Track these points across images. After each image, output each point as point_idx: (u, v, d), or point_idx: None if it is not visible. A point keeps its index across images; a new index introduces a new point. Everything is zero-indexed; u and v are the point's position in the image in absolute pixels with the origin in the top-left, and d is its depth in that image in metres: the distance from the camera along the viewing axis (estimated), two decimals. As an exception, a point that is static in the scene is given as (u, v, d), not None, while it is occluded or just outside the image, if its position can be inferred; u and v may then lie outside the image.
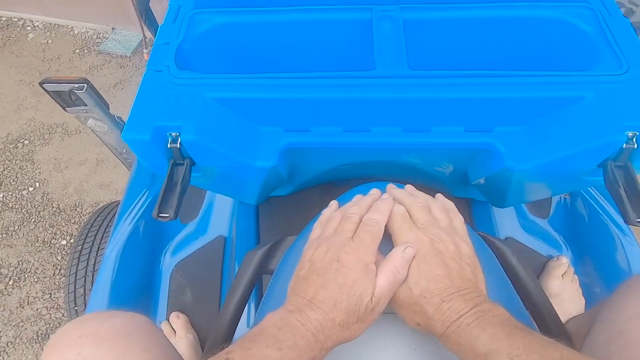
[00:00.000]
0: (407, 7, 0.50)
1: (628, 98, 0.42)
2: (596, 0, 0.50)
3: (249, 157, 0.46)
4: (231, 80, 0.45)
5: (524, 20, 0.49)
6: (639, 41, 0.46)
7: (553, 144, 0.44)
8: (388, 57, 0.45)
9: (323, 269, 0.34)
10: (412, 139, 0.48)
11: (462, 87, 0.43)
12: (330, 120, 0.48)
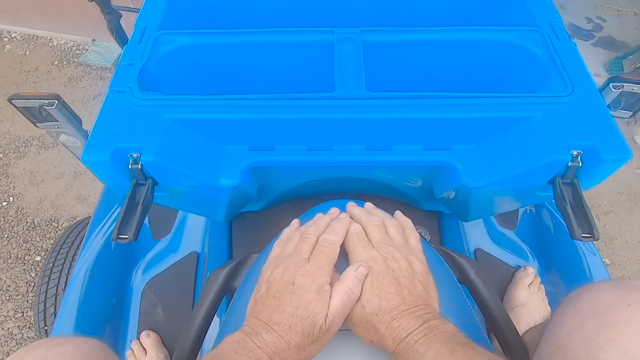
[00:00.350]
0: (368, 30, 0.51)
1: (572, 118, 0.44)
2: (546, 25, 0.53)
3: (212, 177, 0.46)
4: (193, 101, 0.46)
5: (478, 43, 0.51)
6: (584, 64, 0.49)
7: (505, 161, 0.45)
8: (347, 79, 0.47)
9: (279, 292, 0.35)
10: (374, 157, 0.49)
11: (417, 108, 0.45)
12: (293, 139, 0.49)
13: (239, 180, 0.47)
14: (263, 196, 0.64)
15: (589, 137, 0.43)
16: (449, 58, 0.53)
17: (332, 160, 0.50)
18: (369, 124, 0.46)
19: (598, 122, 0.44)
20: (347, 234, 0.40)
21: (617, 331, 0.30)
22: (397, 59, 0.53)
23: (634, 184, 1.63)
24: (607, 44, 2.05)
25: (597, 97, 0.46)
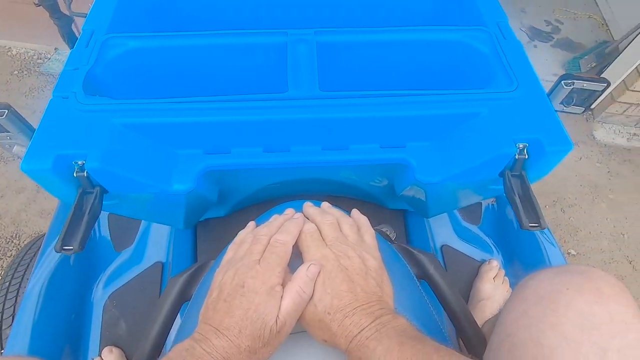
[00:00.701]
0: (322, 31, 0.52)
1: (517, 113, 0.46)
2: (493, 25, 0.55)
3: (165, 182, 0.45)
4: (143, 105, 0.45)
5: (428, 43, 0.53)
6: (528, 61, 0.51)
7: (457, 157, 0.46)
8: (300, 80, 0.47)
9: (230, 295, 0.34)
10: (330, 156, 0.49)
11: (370, 107, 0.46)
12: (249, 141, 0.49)
13: (194, 185, 0.46)
14: (226, 201, 0.63)
15: (533, 130, 0.44)
16: (400, 57, 0.54)
17: (289, 161, 0.49)
18: (323, 124, 0.46)
19: (541, 116, 0.46)
20: (301, 233, 0.39)
21: (558, 315, 0.31)
22: (351, 59, 0.53)
23: (595, 177, 1.71)
24: (564, 45, 2.15)
25: (541, 92, 0.48)
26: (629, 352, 0.28)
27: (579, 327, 0.30)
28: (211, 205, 0.59)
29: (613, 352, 0.28)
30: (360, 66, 0.54)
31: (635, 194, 1.67)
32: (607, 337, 0.29)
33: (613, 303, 0.30)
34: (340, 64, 0.53)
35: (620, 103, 1.78)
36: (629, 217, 1.61)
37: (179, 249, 0.69)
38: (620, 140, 1.84)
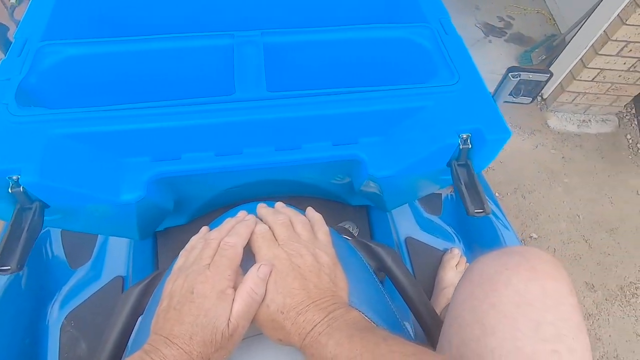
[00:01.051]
0: (269, 32, 0.52)
1: (459, 105, 0.47)
2: (435, 21, 0.57)
3: (111, 193, 0.44)
4: (84, 113, 0.43)
5: (374, 40, 0.54)
6: (469, 55, 0.53)
7: (406, 150, 0.48)
8: (247, 81, 0.47)
9: (179, 303, 0.34)
10: (284, 157, 0.49)
11: (318, 105, 0.46)
12: (199, 145, 0.48)
13: (143, 194, 0.45)
14: (184, 208, 0.62)
15: (474, 120, 0.46)
16: (348, 55, 0.55)
17: (243, 164, 0.49)
18: (273, 125, 0.46)
19: (481, 107, 0.48)
20: (253, 234, 0.39)
21: (498, 295, 0.33)
22: (299, 59, 0.54)
23: (550, 163, 1.81)
24: (517, 39, 2.26)
25: (480, 84, 0.50)
26: (561, 324, 0.30)
27: (516, 305, 0.31)
28: (168, 214, 0.57)
29: (546, 325, 0.30)
30: (309, 66, 0.55)
31: (587, 177, 1.78)
32: (541, 311, 0.31)
33: (547, 279, 0.32)
34: (288, 64, 0.54)
35: (569, 92, 1.89)
36: (583, 198, 1.71)
37: (139, 261, 0.67)
38: (572, 127, 1.96)
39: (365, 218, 0.74)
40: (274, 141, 0.49)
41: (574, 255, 1.56)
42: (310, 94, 0.46)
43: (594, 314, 1.44)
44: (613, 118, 2.00)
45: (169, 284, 0.36)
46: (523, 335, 0.30)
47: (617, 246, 1.59)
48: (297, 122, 0.47)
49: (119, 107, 0.44)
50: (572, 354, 0.29)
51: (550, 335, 0.30)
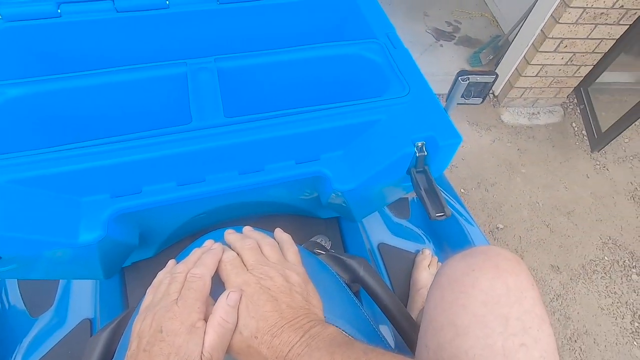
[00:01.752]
0: (222, 58, 0.52)
1: (412, 115, 0.50)
2: (383, 36, 0.59)
3: (68, 236, 0.42)
4: (32, 156, 0.41)
5: (326, 58, 0.56)
6: (417, 67, 0.56)
7: (367, 163, 0.49)
8: (204, 108, 0.47)
9: (149, 343, 0.33)
10: (248, 180, 0.49)
11: (274, 127, 0.47)
12: (160, 177, 0.47)
13: (104, 233, 0.43)
14: (151, 241, 0.60)
15: (427, 128, 0.49)
16: (302, 75, 0.56)
17: (207, 191, 0.49)
18: (233, 149, 0.46)
19: (433, 115, 0.50)
20: (220, 263, 0.39)
21: (467, 296, 0.35)
22: (255, 82, 0.54)
23: (508, 156, 1.92)
24: (465, 42, 2.40)
25: (430, 93, 0.53)
26: (526, 317, 0.32)
27: (484, 304, 0.33)
28: (134, 249, 0.55)
29: (513, 320, 0.32)
30: (265, 88, 0.55)
31: (542, 165, 1.90)
32: (507, 307, 0.33)
33: (509, 276, 0.34)
34: (245, 88, 0.54)
35: (517, 88, 2.02)
36: (540, 186, 1.82)
37: (107, 300, 0.64)
38: (523, 120, 2.09)
39: (336, 230, 0.75)
40: (237, 165, 0.49)
41: (538, 240, 1.65)
42: (268, 117, 0.46)
43: (561, 294, 1.53)
44: (559, 109, 2.15)
45: (137, 324, 0.35)
46: (493, 332, 0.31)
47: (575, 228, 1.70)
48: (258, 145, 0.47)
49: (71, 147, 0.43)
50: (538, 344, 0.31)
51: (518, 329, 0.31)
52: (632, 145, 2.03)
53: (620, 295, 1.53)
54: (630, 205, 1.80)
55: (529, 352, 0.30)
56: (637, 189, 1.86)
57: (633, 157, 1.98)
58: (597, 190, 1.84)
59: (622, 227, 1.72)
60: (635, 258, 1.63)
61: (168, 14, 0.56)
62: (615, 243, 1.67)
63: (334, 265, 0.51)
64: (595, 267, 1.60)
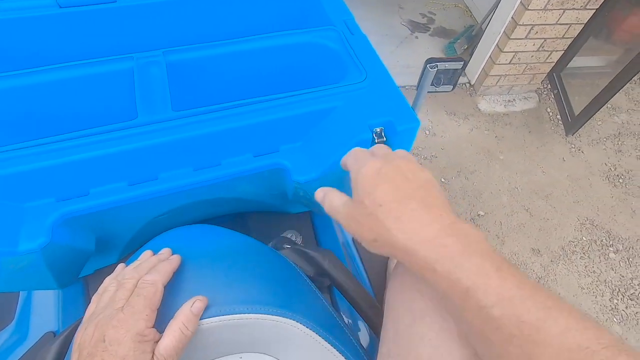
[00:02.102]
0: (172, 51, 0.50)
1: (369, 101, 0.49)
2: (340, 23, 0.58)
3: (7, 244, 0.39)
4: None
5: (283, 47, 0.54)
6: (375, 52, 0.55)
7: (325, 151, 0.48)
8: (151, 103, 0.45)
9: (90, 355, 0.31)
10: (204, 176, 0.47)
11: (228, 118, 0.45)
12: (109, 177, 0.45)
13: (47, 239, 0.41)
14: (111, 246, 0.58)
15: (385, 113, 0.48)
16: (258, 65, 0.54)
17: (160, 190, 0.46)
18: (185, 144, 0.44)
19: (391, 100, 0.49)
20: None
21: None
22: (208, 75, 0.53)
23: (486, 143, 1.94)
24: (440, 33, 2.41)
25: (388, 78, 0.52)
26: None
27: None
28: (90, 255, 0.53)
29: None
30: (219, 80, 0.53)
31: (519, 150, 1.93)
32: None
33: None
34: (198, 81, 0.52)
35: (492, 76, 2.04)
36: (518, 172, 1.85)
37: (70, 311, 0.61)
38: (500, 107, 2.11)
39: (309, 224, 0.74)
40: (191, 161, 0.47)
41: (518, 224, 1.67)
42: (218, 109, 0.45)
43: (543, 276, 1.55)
44: (533, 95, 2.19)
45: (78, 335, 0.33)
46: (449, 315, 0.31)
47: (553, 210, 1.73)
48: (211, 138, 0.45)
49: (7, 148, 0.40)
50: None
51: None
52: (604, 127, 2.08)
53: (599, 274, 1.57)
54: (605, 186, 1.84)
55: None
56: (611, 169, 1.91)
57: (606, 139, 2.03)
58: (573, 172, 1.87)
59: (599, 207, 1.76)
60: (611, 237, 1.67)
61: (115, 8, 0.54)
62: (593, 223, 1.71)
63: (298, 260, 0.50)
64: (574, 247, 1.63)
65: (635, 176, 1.88)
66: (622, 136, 2.04)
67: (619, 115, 2.14)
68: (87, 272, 0.63)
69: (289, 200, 0.65)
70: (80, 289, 0.63)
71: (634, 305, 1.49)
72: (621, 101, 2.20)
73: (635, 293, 1.52)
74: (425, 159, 1.83)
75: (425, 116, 1.99)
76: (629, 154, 1.97)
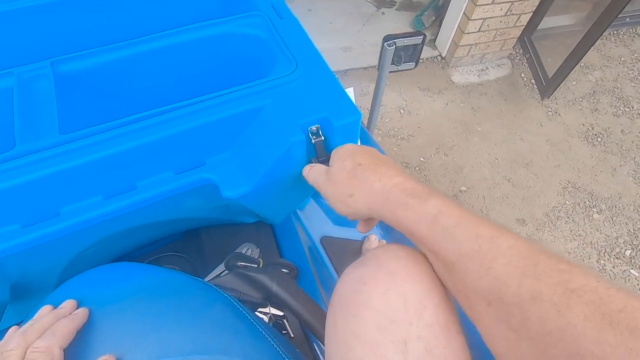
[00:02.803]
0: (61, 60, 0.42)
1: (300, 95, 0.42)
2: (266, 6, 0.50)
3: None
4: None
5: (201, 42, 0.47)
6: (307, 37, 0.48)
7: (255, 160, 0.41)
8: (32, 128, 0.37)
9: None
10: (117, 203, 0.40)
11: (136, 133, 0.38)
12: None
13: None
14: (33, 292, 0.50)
15: (319, 109, 0.41)
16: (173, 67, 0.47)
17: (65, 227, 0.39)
18: (82, 172, 0.37)
19: (325, 92, 0.43)
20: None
21: (359, 321, 0.28)
22: (112, 85, 0.45)
23: (462, 116, 1.89)
24: (407, 6, 2.32)
25: (322, 66, 0.45)
26: (427, 333, 0.26)
27: (378, 328, 0.27)
28: (4, 306, 0.46)
29: (413, 341, 0.26)
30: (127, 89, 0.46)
31: (496, 119, 1.89)
32: (405, 325, 0.26)
33: (405, 284, 0.28)
34: (99, 93, 0.44)
35: (463, 46, 1.98)
36: (497, 142, 1.81)
37: None
38: (474, 78, 2.06)
39: (269, 233, 0.67)
40: (98, 189, 0.40)
41: (501, 196, 1.64)
42: (123, 123, 0.37)
43: (529, 246, 1.53)
44: (506, 61, 2.13)
45: None
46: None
47: (535, 178, 1.70)
48: (118, 159, 0.38)
49: None
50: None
51: (420, 352, 0.25)
52: (579, 87, 2.05)
53: (585, 236, 1.56)
54: (584, 146, 1.82)
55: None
56: (588, 129, 1.88)
57: (582, 99, 2.00)
58: (551, 136, 1.84)
59: (579, 169, 1.74)
60: (594, 197, 1.66)
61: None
62: (575, 186, 1.69)
63: (241, 286, 0.43)
64: (559, 213, 1.61)
65: (612, 133, 1.86)
66: (597, 94, 2.01)
67: (593, 73, 2.11)
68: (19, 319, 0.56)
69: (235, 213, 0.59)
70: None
71: (621, 264, 1.49)
72: (594, 58, 2.16)
73: (621, 252, 1.52)
74: (402, 139, 1.77)
75: (399, 95, 1.92)
76: (605, 111, 1.95)
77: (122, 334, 0.32)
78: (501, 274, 0.23)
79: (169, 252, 0.64)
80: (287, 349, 0.37)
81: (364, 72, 1.98)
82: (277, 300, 0.43)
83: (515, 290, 0.22)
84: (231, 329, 0.35)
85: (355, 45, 2.09)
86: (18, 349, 0.29)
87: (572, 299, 0.20)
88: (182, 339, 0.32)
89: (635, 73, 2.11)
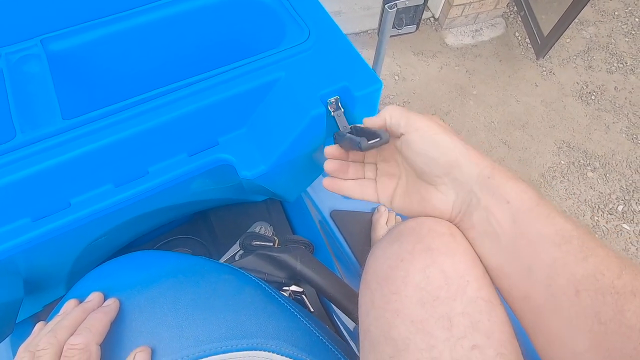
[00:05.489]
0: (54, 37, 0.38)
1: (315, 65, 0.39)
2: (269, -33, 0.46)
3: None
4: None
5: (204, 10, 0.43)
6: (318, 2, 0.44)
7: (273, 137, 0.39)
8: (31, 114, 0.34)
9: None
10: (129, 191, 0.38)
11: (144, 115, 0.35)
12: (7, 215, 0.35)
13: None
14: (47, 284, 0.49)
15: (337, 79, 0.39)
16: (175, 40, 0.43)
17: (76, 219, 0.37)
18: (91, 159, 0.35)
19: (343, 60, 0.40)
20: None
21: (400, 297, 0.27)
22: (110, 62, 0.41)
23: (458, 80, 1.85)
24: (396, -36, 2.20)
25: (336, 32, 0.42)
26: (472, 307, 0.26)
27: (421, 304, 0.26)
28: (19, 302, 0.44)
29: (458, 317, 0.25)
30: (127, 66, 0.42)
31: (491, 82, 1.86)
32: (448, 301, 0.26)
33: (444, 258, 0.27)
34: (97, 73, 0.41)
35: (457, 6, 1.91)
36: (493, 104, 1.80)
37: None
38: (468, 39, 2.00)
39: (280, 210, 0.66)
40: (108, 177, 0.38)
41: (498, 159, 1.65)
42: (130, 104, 0.35)
43: (526, 207, 1.56)
44: (500, 20, 2.08)
45: None
46: (437, 340, 0.25)
47: (530, 139, 1.71)
48: (127, 144, 0.36)
49: None
50: (491, 339, 0.25)
51: (465, 327, 0.25)
52: (573, 44, 2.02)
53: (579, 194, 1.59)
54: (578, 105, 1.82)
55: (483, 354, 0.24)
56: (582, 87, 1.88)
57: (576, 57, 1.98)
58: (546, 97, 1.84)
59: (574, 128, 1.75)
60: (588, 156, 1.68)
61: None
62: (569, 145, 1.71)
63: (265, 267, 0.43)
64: (554, 172, 1.64)
65: (606, 90, 1.86)
66: (592, 51, 1.99)
67: (587, 30, 2.07)
68: (36, 310, 0.55)
69: (248, 192, 0.57)
70: (29, 330, 0.55)
71: (613, 219, 1.54)
72: (588, 14, 2.12)
73: (613, 207, 1.57)
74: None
75: (393, 61, 1.87)
76: (599, 68, 1.93)
77: (155, 324, 0.31)
78: (600, 263, 0.22)
79: (179, 235, 0.62)
80: (317, 325, 0.37)
81: (356, 37, 1.91)
82: (302, 278, 0.43)
83: (613, 282, 0.21)
84: (263, 311, 0.35)
85: (346, 9, 1.99)
86: (50, 347, 0.28)
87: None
88: (216, 325, 0.32)
89: (629, 27, 2.08)
